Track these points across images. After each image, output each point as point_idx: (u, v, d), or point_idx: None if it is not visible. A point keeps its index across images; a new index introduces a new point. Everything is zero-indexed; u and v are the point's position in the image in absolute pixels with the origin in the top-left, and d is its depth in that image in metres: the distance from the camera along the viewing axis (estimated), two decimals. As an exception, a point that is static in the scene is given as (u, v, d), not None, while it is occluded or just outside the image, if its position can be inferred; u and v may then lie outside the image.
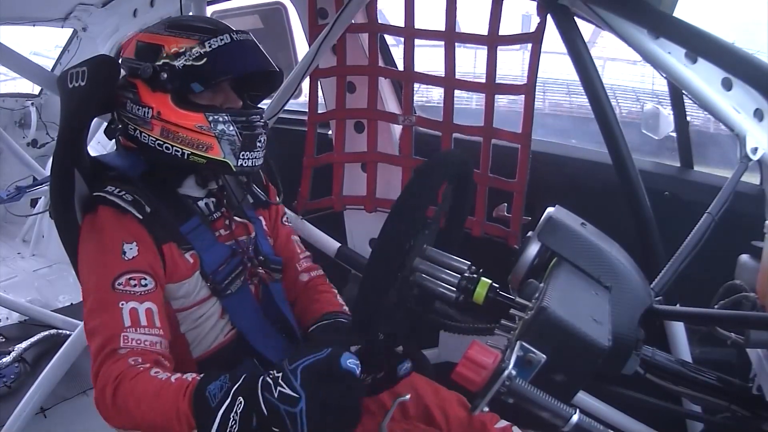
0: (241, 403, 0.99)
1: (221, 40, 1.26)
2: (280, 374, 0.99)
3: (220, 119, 1.25)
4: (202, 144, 1.25)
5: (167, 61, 1.25)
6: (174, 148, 1.26)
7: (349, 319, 1.43)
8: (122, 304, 1.15)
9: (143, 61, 1.27)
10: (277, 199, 1.54)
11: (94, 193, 1.27)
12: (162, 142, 1.27)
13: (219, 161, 1.27)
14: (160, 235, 1.24)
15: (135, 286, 1.17)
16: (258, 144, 1.30)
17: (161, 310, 1.20)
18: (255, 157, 1.30)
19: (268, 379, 1.00)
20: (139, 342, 1.13)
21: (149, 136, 1.28)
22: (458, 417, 1.39)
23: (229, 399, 1.00)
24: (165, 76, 1.25)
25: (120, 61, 1.35)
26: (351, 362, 0.98)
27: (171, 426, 1.03)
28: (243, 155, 1.28)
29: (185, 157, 1.26)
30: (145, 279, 1.19)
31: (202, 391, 1.02)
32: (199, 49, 1.25)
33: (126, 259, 1.19)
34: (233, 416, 0.99)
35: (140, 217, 1.23)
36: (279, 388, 0.98)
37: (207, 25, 1.31)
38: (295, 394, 0.97)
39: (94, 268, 1.22)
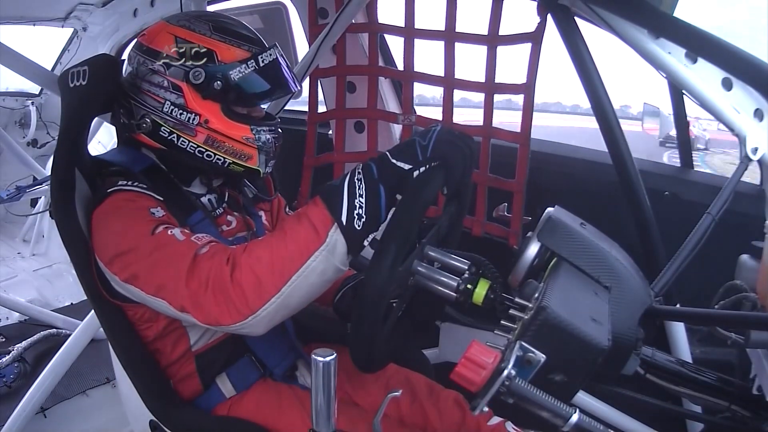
0: (360, 171, 1.04)
1: (270, 56, 1.28)
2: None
3: (262, 131, 1.29)
4: (244, 155, 1.28)
5: (221, 70, 1.24)
6: (216, 156, 1.27)
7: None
8: (171, 232, 1.12)
9: (190, 64, 1.24)
10: (274, 191, 1.55)
11: (108, 190, 1.22)
12: (204, 150, 1.27)
13: (253, 169, 1.31)
14: (176, 218, 1.22)
15: (173, 230, 1.14)
16: (277, 151, 1.35)
17: None
18: (273, 164, 1.36)
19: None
20: (211, 240, 1.13)
21: (190, 141, 1.26)
22: (452, 416, 1.40)
23: (349, 173, 1.05)
24: (219, 85, 1.23)
25: (140, 51, 1.29)
26: None
27: (309, 242, 1.02)
28: (269, 163, 1.33)
29: (226, 165, 1.28)
30: (177, 229, 1.15)
31: (324, 186, 1.06)
32: (254, 63, 1.25)
33: (156, 216, 1.17)
34: (357, 178, 1.03)
35: (160, 198, 1.22)
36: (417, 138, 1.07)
37: (250, 34, 1.31)
38: (434, 125, 1.08)
39: (125, 234, 1.15)
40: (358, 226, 1.01)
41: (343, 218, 1.01)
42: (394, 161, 1.05)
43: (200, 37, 1.26)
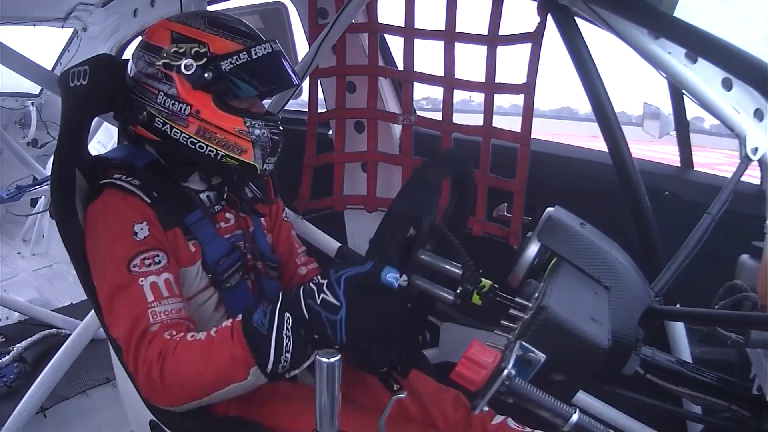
0: (289, 318, 1.06)
1: (264, 49, 1.28)
2: (325, 281, 1.06)
3: (257, 125, 1.28)
4: (237, 147, 1.28)
5: (212, 61, 1.25)
6: (208, 147, 1.27)
7: None
8: (142, 281, 1.16)
9: (183, 56, 1.26)
10: (274, 195, 1.55)
11: (101, 181, 1.26)
12: (196, 141, 1.27)
13: (249, 164, 1.30)
14: (166, 221, 1.25)
15: (150, 264, 1.18)
16: (279, 149, 1.35)
17: (177, 278, 1.22)
18: (274, 161, 1.35)
19: (311, 285, 1.07)
20: (167, 313, 1.15)
21: (182, 132, 1.27)
22: (455, 416, 1.39)
23: (276, 318, 1.06)
24: (210, 76, 1.25)
25: (141, 47, 1.32)
26: (391, 276, 1.02)
27: (230, 375, 1.08)
28: (268, 160, 1.33)
29: (219, 158, 1.28)
30: (158, 255, 1.20)
31: (248, 324, 1.08)
32: (247, 55, 1.26)
33: (138, 240, 1.20)
34: (285, 333, 1.05)
35: (148, 200, 1.24)
36: (322, 295, 1.05)
37: (245, 29, 1.32)
38: (336, 302, 1.03)
39: (106, 254, 1.21)
40: (281, 370, 1.07)
41: (269, 367, 1.06)
42: (316, 336, 1.05)
43: (195, 31, 1.28)
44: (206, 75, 1.25)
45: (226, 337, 1.09)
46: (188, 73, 1.25)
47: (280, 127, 1.35)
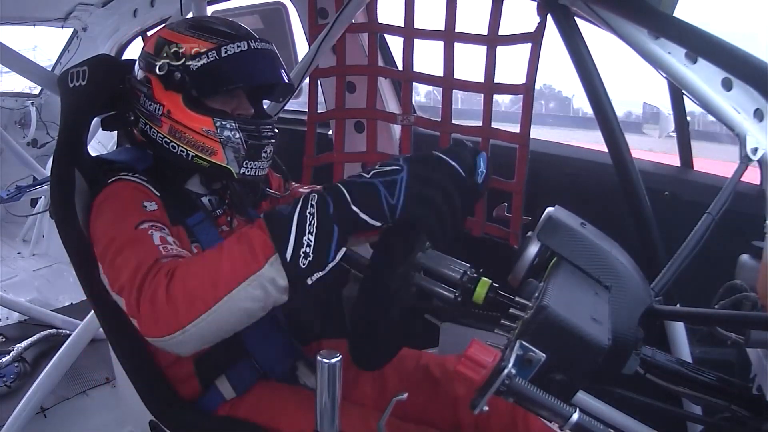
0: (315, 196, 0.95)
1: (238, 47, 1.26)
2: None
3: (228, 126, 1.26)
4: (206, 148, 1.27)
5: (182, 61, 1.26)
6: (180, 148, 1.28)
7: None
8: (151, 233, 1.10)
9: (159, 58, 1.28)
10: (282, 189, 1.56)
11: (109, 180, 1.24)
12: (169, 140, 1.28)
13: (221, 166, 1.28)
14: (172, 217, 1.24)
15: (158, 230, 1.13)
16: (263, 154, 1.31)
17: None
18: (259, 167, 1.31)
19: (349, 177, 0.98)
20: (177, 251, 1.09)
21: (158, 132, 1.29)
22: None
23: (300, 203, 0.95)
24: (178, 75, 1.25)
25: (139, 56, 1.35)
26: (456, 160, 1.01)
27: (247, 264, 0.94)
28: (246, 164, 1.29)
29: (189, 158, 1.28)
30: (165, 229, 1.15)
31: (272, 211, 0.98)
32: (215, 53, 1.25)
33: (147, 210, 1.18)
34: (309, 212, 0.93)
35: (157, 194, 1.23)
36: (378, 167, 0.96)
37: (228, 29, 1.30)
38: (397, 166, 0.95)
39: (112, 225, 1.15)
40: (303, 265, 0.93)
41: (288, 254, 0.92)
42: (354, 209, 0.94)
43: (175, 35, 1.29)
44: (176, 75, 1.25)
45: (245, 230, 0.99)
46: (161, 73, 1.26)
47: (275, 131, 1.32)
